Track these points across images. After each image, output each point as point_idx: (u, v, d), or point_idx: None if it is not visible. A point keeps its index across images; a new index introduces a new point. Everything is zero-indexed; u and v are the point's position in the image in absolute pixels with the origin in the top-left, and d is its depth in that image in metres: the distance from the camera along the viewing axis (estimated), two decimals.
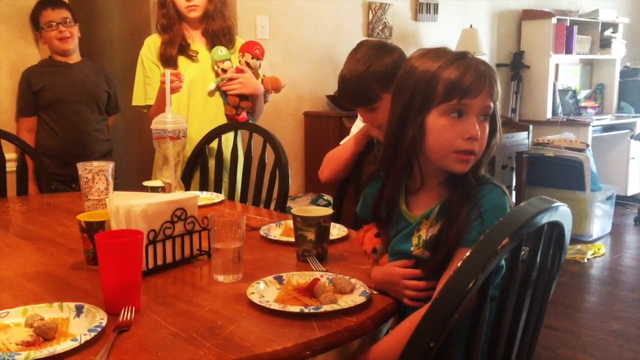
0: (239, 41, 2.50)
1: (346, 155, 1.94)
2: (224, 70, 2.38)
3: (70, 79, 2.72)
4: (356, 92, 1.70)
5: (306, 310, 1.07)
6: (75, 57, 2.78)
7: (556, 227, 0.98)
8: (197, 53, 2.41)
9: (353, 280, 1.20)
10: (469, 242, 1.08)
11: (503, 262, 1.02)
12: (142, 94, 2.43)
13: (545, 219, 0.90)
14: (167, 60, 2.36)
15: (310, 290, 1.15)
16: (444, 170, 1.15)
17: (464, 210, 1.10)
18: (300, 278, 1.23)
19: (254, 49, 2.44)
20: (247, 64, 2.42)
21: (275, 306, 1.09)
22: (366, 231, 1.31)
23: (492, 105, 1.12)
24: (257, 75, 2.45)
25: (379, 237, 1.27)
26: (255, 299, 1.12)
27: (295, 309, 1.07)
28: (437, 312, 0.83)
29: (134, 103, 2.47)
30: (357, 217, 2.05)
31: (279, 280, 1.23)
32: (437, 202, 1.16)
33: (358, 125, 2.05)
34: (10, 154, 2.39)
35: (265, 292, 1.17)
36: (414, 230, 1.18)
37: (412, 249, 1.17)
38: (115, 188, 2.75)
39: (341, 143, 2.02)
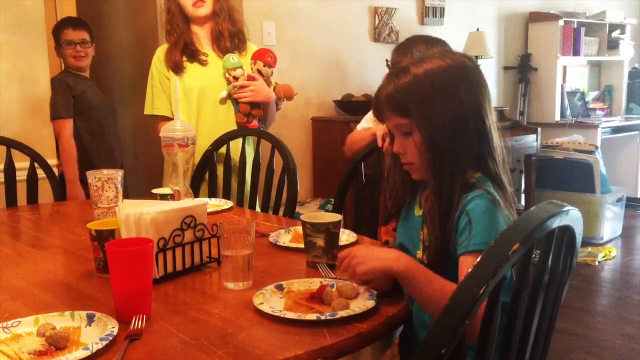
0: (252, 47, 2.50)
1: (368, 137, 2.15)
2: (236, 78, 2.36)
3: (95, 90, 2.99)
4: None
5: (322, 318, 1.06)
6: (87, 74, 3.01)
7: (567, 231, 0.97)
8: (207, 56, 2.40)
9: (356, 286, 1.20)
10: (467, 247, 1.09)
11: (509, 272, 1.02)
12: (151, 104, 2.44)
13: (556, 223, 0.90)
14: (175, 64, 2.35)
15: (318, 297, 1.15)
16: None
17: (448, 218, 1.12)
18: (300, 285, 1.23)
19: (265, 57, 2.43)
20: (259, 72, 2.41)
21: (291, 315, 1.07)
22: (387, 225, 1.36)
23: (403, 122, 1.17)
24: (268, 83, 2.44)
25: (395, 232, 1.32)
26: (265, 309, 1.10)
27: (312, 316, 1.06)
28: (448, 318, 0.83)
29: (145, 112, 2.48)
30: (358, 219, 2.08)
31: (279, 288, 1.22)
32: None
33: (365, 124, 2.16)
34: (24, 163, 2.38)
35: (270, 300, 1.16)
36: (419, 234, 1.20)
37: (417, 252, 1.20)
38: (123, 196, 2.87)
39: (357, 128, 2.31)
